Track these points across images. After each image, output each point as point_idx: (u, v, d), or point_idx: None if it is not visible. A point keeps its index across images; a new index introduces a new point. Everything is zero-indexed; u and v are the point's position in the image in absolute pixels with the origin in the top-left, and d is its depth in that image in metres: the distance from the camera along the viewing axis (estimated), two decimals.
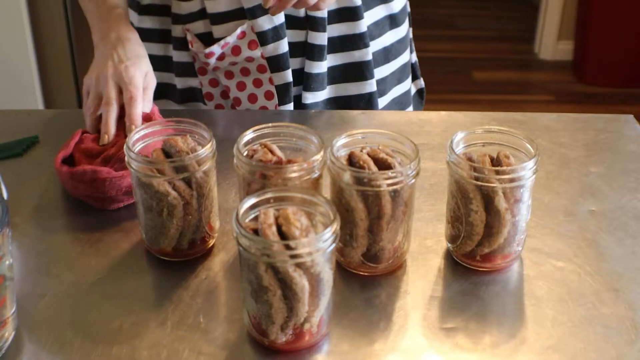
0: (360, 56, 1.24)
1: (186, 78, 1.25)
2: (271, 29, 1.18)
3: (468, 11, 4.38)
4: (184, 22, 1.21)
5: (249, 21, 1.17)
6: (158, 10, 1.24)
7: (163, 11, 1.23)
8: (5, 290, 0.75)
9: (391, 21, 1.30)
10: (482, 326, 0.80)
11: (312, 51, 1.21)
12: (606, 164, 1.09)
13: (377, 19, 1.27)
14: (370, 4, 1.25)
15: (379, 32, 1.28)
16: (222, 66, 1.22)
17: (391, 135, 0.87)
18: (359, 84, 1.26)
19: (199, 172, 0.85)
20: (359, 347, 0.77)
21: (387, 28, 1.30)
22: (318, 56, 1.21)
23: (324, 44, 1.21)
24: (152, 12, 1.24)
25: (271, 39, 1.18)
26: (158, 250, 0.89)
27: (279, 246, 0.70)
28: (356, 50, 1.24)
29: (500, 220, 0.83)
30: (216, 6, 1.18)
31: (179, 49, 1.23)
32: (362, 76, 1.26)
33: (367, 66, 1.26)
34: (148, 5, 1.24)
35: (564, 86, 3.59)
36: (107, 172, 0.94)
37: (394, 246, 0.85)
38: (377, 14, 1.27)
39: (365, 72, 1.26)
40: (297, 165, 0.82)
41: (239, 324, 0.80)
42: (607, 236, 0.94)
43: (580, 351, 0.77)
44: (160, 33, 1.25)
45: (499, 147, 0.88)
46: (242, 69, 1.22)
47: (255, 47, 1.18)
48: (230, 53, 1.19)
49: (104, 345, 0.77)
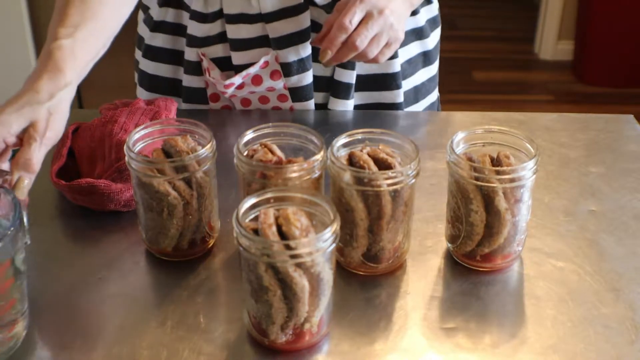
0: (391, 98, 1.17)
1: (195, 105, 1.19)
2: (296, 60, 1.11)
3: (468, 11, 4.38)
4: (199, 46, 1.13)
5: (274, 51, 1.11)
6: (171, 29, 1.16)
7: (177, 30, 1.16)
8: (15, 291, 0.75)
9: (424, 59, 1.23)
10: (482, 326, 0.80)
11: (338, 89, 1.14)
12: (606, 164, 1.09)
13: (411, 56, 1.20)
14: (406, 40, 1.14)
15: (411, 71, 1.21)
16: (239, 94, 1.15)
17: (391, 135, 0.87)
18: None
19: (199, 172, 0.85)
20: (359, 347, 0.77)
21: (420, 66, 1.22)
22: (344, 94, 1.14)
23: (352, 82, 1.14)
24: (164, 30, 1.16)
25: (296, 71, 1.11)
26: (158, 250, 0.89)
27: (279, 246, 0.70)
28: (387, 90, 1.17)
29: (501, 220, 0.83)
30: (239, 31, 1.10)
31: (190, 74, 1.16)
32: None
33: (398, 108, 1.18)
34: (161, 22, 1.16)
35: (564, 86, 3.59)
36: (106, 185, 0.94)
37: (394, 246, 0.85)
38: (412, 51, 1.20)
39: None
40: (297, 165, 0.82)
41: (239, 324, 0.80)
42: (607, 236, 0.94)
43: (580, 351, 0.77)
44: (171, 53, 1.17)
45: (499, 147, 0.88)
46: (260, 97, 1.16)
47: (278, 77, 1.12)
48: (251, 83, 1.12)
49: (104, 345, 0.77)
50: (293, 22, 1.10)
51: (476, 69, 3.72)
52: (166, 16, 1.17)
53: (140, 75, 1.24)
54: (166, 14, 1.17)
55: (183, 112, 1.22)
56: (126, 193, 0.95)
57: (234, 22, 1.11)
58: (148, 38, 1.19)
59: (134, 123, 1.01)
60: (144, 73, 1.23)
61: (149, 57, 1.20)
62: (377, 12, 1.00)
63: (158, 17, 1.17)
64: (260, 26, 1.11)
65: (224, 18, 1.11)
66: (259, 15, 1.10)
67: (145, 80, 1.23)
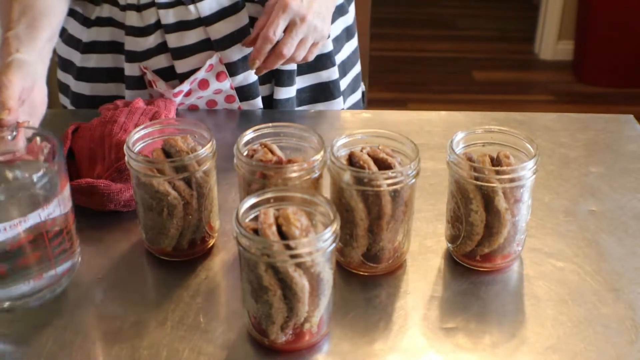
0: (328, 76, 1.22)
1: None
2: (241, 59, 1.13)
3: (468, 11, 4.38)
4: (140, 60, 1.13)
5: (217, 53, 1.12)
6: (106, 48, 1.15)
7: (112, 48, 1.15)
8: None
9: (347, 34, 1.28)
10: (482, 326, 0.80)
11: (282, 77, 1.17)
12: (606, 164, 1.09)
13: (337, 34, 1.24)
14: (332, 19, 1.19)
15: (339, 48, 1.25)
16: (187, 102, 1.16)
17: (391, 135, 0.87)
18: (328, 103, 1.23)
19: (199, 172, 0.85)
20: (359, 347, 0.77)
21: (344, 41, 1.27)
22: (288, 82, 1.18)
23: (294, 69, 1.17)
24: (98, 50, 1.16)
25: (241, 69, 1.14)
26: (158, 250, 0.89)
27: (279, 246, 0.70)
28: (324, 70, 1.21)
29: (500, 220, 0.83)
30: (180, 39, 1.11)
31: (132, 89, 1.16)
32: (331, 95, 1.23)
33: (336, 85, 1.23)
34: (92, 43, 1.16)
35: (564, 86, 3.59)
36: (106, 185, 0.94)
37: (394, 246, 0.85)
38: (337, 28, 1.24)
39: (334, 91, 1.23)
40: (297, 165, 0.82)
41: (239, 324, 0.80)
42: (607, 236, 0.94)
43: (580, 351, 0.77)
44: (108, 72, 1.17)
45: (499, 147, 0.88)
46: (208, 102, 1.18)
47: (224, 78, 1.14)
48: (198, 88, 1.14)
49: (104, 345, 0.77)
50: (233, 22, 1.12)
51: (476, 69, 3.72)
52: (98, 36, 1.15)
53: (74, 97, 1.22)
54: (98, 34, 1.15)
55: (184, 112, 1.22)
56: (126, 193, 0.95)
57: (173, 31, 1.12)
58: (79, 61, 1.18)
59: (134, 123, 1.01)
60: (79, 95, 1.21)
61: (83, 79, 1.19)
62: (300, 19, 1.04)
63: (88, 38, 1.16)
64: (201, 30, 1.12)
65: (163, 29, 1.12)
66: (198, 20, 1.11)
67: (82, 102, 1.21)
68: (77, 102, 1.22)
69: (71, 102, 1.23)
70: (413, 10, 4.29)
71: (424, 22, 4.18)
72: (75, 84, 1.20)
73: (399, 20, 4.15)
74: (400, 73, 3.64)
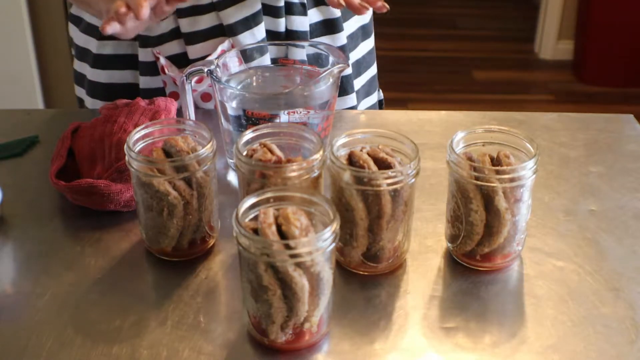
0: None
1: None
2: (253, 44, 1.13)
3: (468, 11, 4.38)
4: (154, 45, 1.14)
5: (230, 38, 1.12)
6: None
7: None
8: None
9: (363, 32, 1.27)
10: (482, 326, 0.80)
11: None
12: (606, 163, 1.09)
13: (352, 31, 1.24)
14: (346, 16, 1.21)
15: (354, 45, 1.25)
16: (199, 89, 1.16)
17: (391, 135, 0.87)
18: (340, 99, 1.22)
19: (199, 171, 0.85)
20: (359, 347, 0.77)
21: (359, 40, 1.26)
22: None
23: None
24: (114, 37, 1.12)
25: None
26: (158, 250, 0.89)
27: (279, 246, 0.70)
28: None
29: (500, 220, 0.83)
30: (193, 24, 1.12)
31: (147, 75, 1.16)
32: (343, 91, 1.22)
33: (349, 80, 1.22)
34: None
35: (564, 86, 3.59)
36: (106, 186, 0.94)
37: (394, 246, 0.85)
38: (352, 25, 1.24)
39: (346, 87, 1.22)
40: (296, 165, 0.82)
41: (239, 323, 0.80)
42: (607, 236, 0.94)
43: (580, 351, 0.77)
44: (124, 58, 1.18)
45: (499, 146, 0.88)
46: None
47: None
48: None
49: (104, 345, 0.77)
50: (245, 7, 1.12)
51: (476, 68, 3.71)
52: None
53: (90, 86, 1.22)
54: None
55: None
56: (126, 193, 0.95)
57: (186, 16, 1.12)
58: (96, 48, 1.18)
59: (134, 123, 1.01)
60: (95, 84, 1.21)
61: (99, 66, 1.19)
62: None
63: None
64: (213, 15, 1.12)
65: (176, 13, 1.12)
66: (210, 5, 1.12)
67: (98, 90, 1.21)
68: (94, 92, 1.22)
69: (87, 92, 1.24)
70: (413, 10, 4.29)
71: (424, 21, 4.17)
72: (92, 72, 1.21)
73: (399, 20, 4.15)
74: (400, 73, 3.63)
